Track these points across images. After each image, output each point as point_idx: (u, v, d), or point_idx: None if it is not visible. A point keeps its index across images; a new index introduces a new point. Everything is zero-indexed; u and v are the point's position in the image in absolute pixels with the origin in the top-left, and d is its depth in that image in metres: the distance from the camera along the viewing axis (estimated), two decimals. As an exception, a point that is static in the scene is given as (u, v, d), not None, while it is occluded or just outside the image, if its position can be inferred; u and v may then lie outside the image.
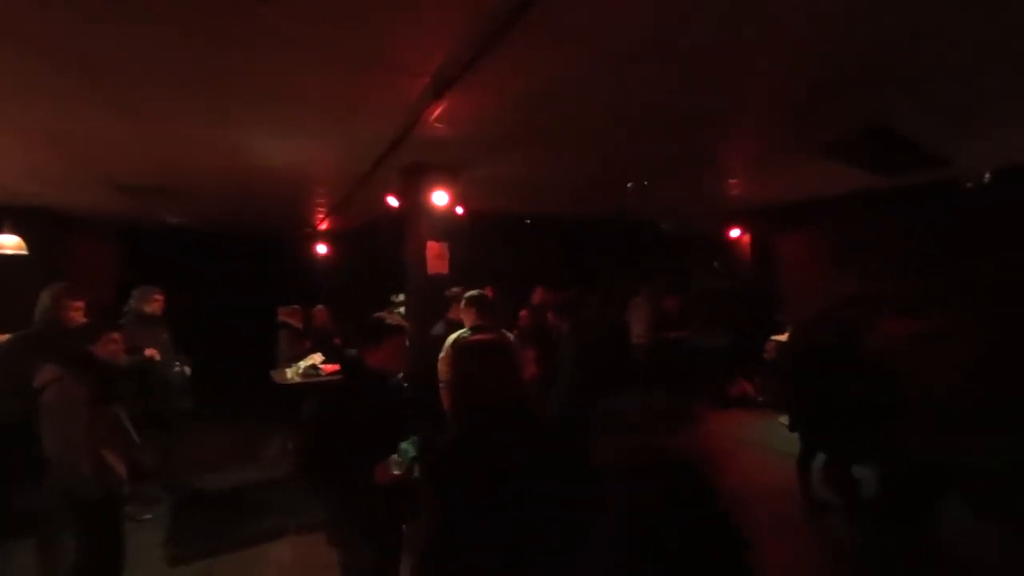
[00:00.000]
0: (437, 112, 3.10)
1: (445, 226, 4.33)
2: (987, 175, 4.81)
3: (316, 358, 4.79)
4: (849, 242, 6.18)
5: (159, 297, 4.20)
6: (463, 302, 3.57)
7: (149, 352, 3.93)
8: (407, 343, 2.24)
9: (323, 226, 8.11)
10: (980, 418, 2.73)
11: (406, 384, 2.37)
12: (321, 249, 8.74)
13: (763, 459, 4.94)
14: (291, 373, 4.79)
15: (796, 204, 6.60)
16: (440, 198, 4.16)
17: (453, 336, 3.28)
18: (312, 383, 4.58)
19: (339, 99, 3.00)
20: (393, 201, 4.61)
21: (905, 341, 2.81)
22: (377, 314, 2.32)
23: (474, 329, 3.24)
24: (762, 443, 5.33)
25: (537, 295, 5.05)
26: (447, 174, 4.22)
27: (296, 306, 6.57)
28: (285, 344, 6.23)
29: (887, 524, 3.30)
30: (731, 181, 5.59)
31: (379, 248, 6.81)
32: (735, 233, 7.35)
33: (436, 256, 4.24)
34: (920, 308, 2.97)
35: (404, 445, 2.07)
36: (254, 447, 5.47)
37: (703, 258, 8.11)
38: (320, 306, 6.89)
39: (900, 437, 2.96)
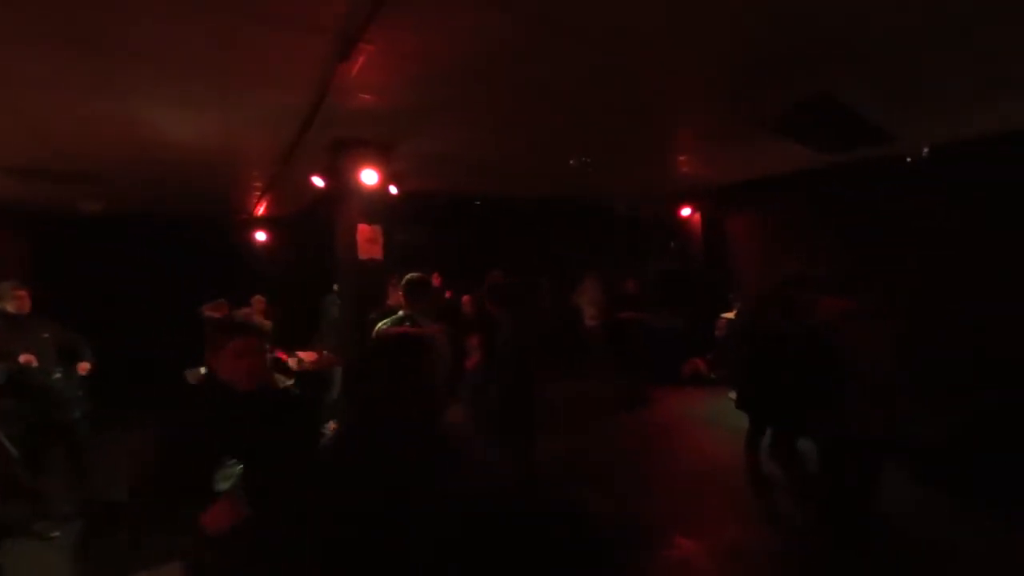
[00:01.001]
0: (351, 78, 2.81)
1: (378, 207, 4.03)
2: (925, 150, 4.86)
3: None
4: (797, 220, 6.23)
5: (21, 293, 3.69)
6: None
7: (24, 358, 3.50)
8: (260, 349, 1.84)
9: (260, 211, 7.62)
10: (906, 393, 2.74)
11: (298, 393, 2.02)
12: (260, 236, 8.23)
13: (714, 436, 4.93)
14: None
15: (745, 183, 6.58)
16: (369, 176, 3.85)
17: (381, 324, 3.02)
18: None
19: (237, 63, 2.67)
20: (319, 181, 4.25)
21: (836, 320, 2.77)
22: (242, 310, 2.00)
23: (402, 319, 3.00)
24: (714, 420, 5.32)
25: (492, 279, 4.82)
26: (377, 151, 3.90)
27: (222, 300, 6.15)
28: (210, 342, 5.80)
29: (829, 499, 3.31)
30: (679, 159, 5.49)
31: (319, 233, 6.42)
32: (686, 212, 7.30)
33: (368, 240, 3.95)
34: (853, 287, 2.93)
35: (227, 474, 1.61)
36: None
37: (656, 239, 8.06)
38: (258, 297, 6.46)
39: (835, 413, 2.96)
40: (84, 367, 3.66)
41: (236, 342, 1.76)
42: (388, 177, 4.08)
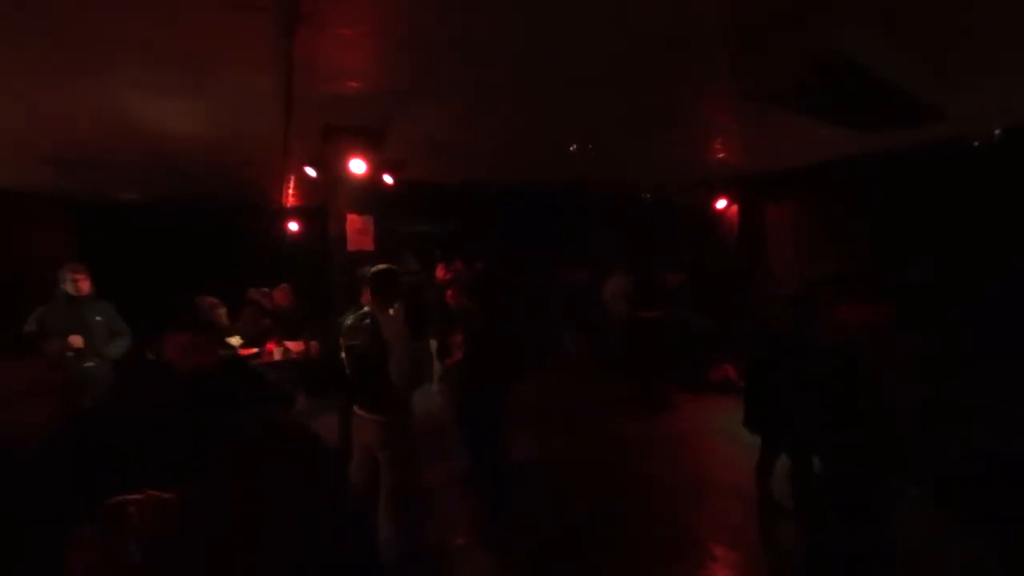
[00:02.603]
0: (315, 59, 2.68)
1: (369, 197, 3.91)
2: (997, 132, 4.15)
3: (234, 340, 4.46)
4: (842, 213, 5.56)
5: (77, 276, 3.83)
6: None
7: (72, 339, 3.63)
8: (206, 348, 1.76)
9: (289, 200, 7.78)
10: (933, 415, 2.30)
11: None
12: (292, 225, 8.44)
13: (728, 451, 4.50)
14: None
15: (788, 171, 5.97)
16: (357, 165, 3.72)
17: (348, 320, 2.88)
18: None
19: (196, 49, 2.61)
20: (311, 171, 4.17)
21: (853, 330, 2.35)
22: (205, 300, 1.92)
23: (364, 315, 2.85)
24: (732, 433, 4.87)
25: (468, 270, 4.62)
26: (365, 137, 3.74)
27: (266, 289, 6.40)
28: (246, 320, 6.06)
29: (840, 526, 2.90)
30: (705, 143, 5.01)
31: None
32: (722, 204, 6.72)
33: (357, 231, 3.84)
34: (879, 293, 2.48)
35: None
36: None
37: (690, 230, 7.54)
38: (284, 285, 6.64)
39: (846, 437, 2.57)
40: (76, 340, 3.65)
41: (180, 337, 1.70)
42: (380, 165, 3.93)
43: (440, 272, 4.51)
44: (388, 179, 4.12)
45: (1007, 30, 2.54)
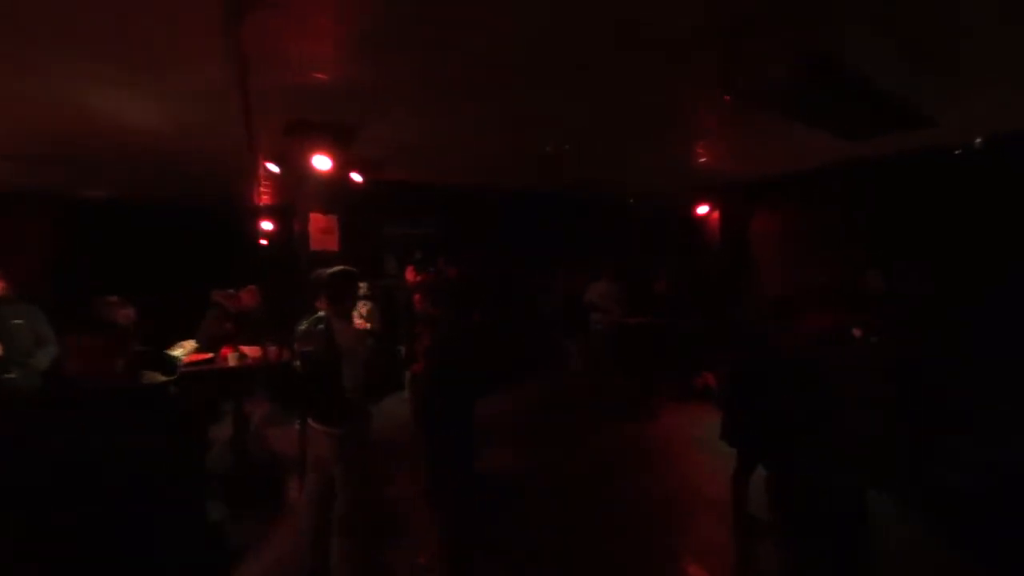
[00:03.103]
0: (269, 52, 2.52)
1: (333, 195, 3.73)
2: (978, 140, 4.11)
3: (187, 345, 4.24)
4: (824, 222, 5.52)
5: None
6: None
7: None
8: (105, 352, 1.59)
9: (263, 199, 7.54)
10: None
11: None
12: (266, 225, 8.17)
13: (709, 462, 4.39)
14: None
15: (771, 178, 5.92)
16: (321, 162, 3.54)
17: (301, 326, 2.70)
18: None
19: (145, 41, 2.46)
20: (273, 168, 3.98)
21: (830, 339, 2.26)
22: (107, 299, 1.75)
23: (318, 320, 2.68)
24: (711, 443, 4.76)
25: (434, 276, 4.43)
26: (330, 134, 3.57)
27: (231, 291, 6.16)
28: (208, 324, 5.83)
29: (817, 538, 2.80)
30: (692, 149, 4.92)
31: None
32: (703, 210, 6.65)
33: (321, 230, 3.66)
34: (857, 302, 2.40)
35: None
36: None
37: (675, 237, 7.47)
38: (251, 287, 6.39)
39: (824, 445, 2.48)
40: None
41: (73, 340, 1.56)
42: (348, 162, 3.76)
43: (409, 276, 4.33)
44: (356, 177, 3.94)
45: (997, 38, 2.47)
